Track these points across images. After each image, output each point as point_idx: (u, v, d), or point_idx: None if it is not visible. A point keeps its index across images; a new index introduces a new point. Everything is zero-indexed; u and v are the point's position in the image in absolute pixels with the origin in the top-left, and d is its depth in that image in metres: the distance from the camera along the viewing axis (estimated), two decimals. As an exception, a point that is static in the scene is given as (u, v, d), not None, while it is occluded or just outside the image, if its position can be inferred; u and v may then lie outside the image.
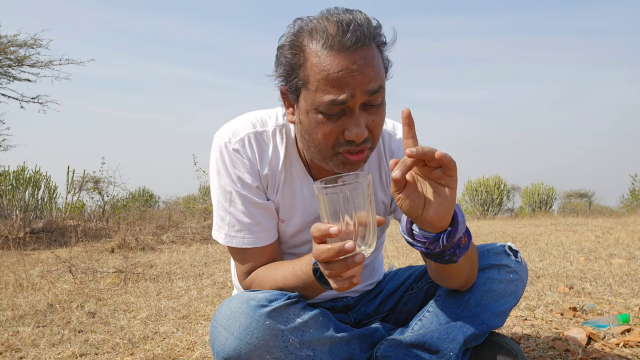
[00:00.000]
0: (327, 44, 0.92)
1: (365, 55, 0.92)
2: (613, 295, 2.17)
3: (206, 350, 1.58)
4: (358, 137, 0.95)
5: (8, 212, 6.87)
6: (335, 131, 0.96)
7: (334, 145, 0.98)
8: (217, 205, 1.13)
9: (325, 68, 0.92)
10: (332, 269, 0.81)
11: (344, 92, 0.92)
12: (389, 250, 4.18)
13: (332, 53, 0.92)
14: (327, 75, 0.92)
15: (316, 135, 0.98)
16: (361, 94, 0.93)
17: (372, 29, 0.95)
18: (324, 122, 0.96)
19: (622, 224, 6.36)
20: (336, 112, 0.95)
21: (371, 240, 0.82)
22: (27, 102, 8.25)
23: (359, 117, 0.95)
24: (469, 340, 1.09)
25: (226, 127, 1.13)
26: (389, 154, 1.18)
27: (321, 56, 0.93)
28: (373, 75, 0.93)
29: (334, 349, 1.03)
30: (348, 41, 0.91)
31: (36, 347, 1.68)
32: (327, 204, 0.79)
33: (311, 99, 0.95)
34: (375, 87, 0.94)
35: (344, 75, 0.91)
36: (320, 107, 0.94)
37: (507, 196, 13.60)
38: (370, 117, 0.97)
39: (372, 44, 0.95)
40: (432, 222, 0.84)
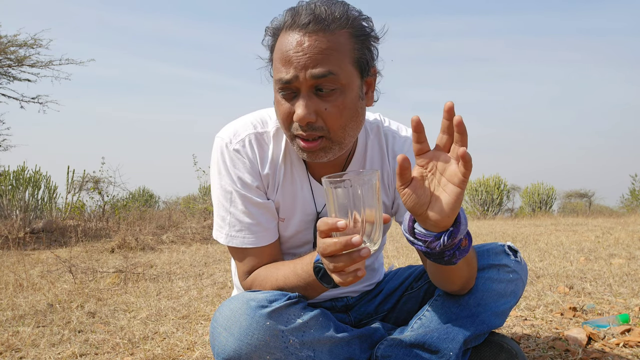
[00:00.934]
0: (286, 26, 0.97)
1: (318, 38, 0.94)
2: (613, 295, 2.17)
3: (206, 351, 1.58)
4: (300, 120, 0.96)
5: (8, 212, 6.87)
6: (287, 112, 0.99)
7: (290, 127, 1.01)
8: (218, 205, 1.13)
9: (280, 48, 0.97)
10: (337, 263, 0.81)
11: (289, 71, 0.95)
12: (389, 250, 4.18)
13: (287, 33, 0.97)
14: (280, 55, 0.97)
15: (278, 116, 1.03)
16: (305, 76, 0.94)
17: (344, 17, 0.96)
18: (281, 101, 1.00)
19: (622, 224, 6.36)
20: (289, 93, 0.98)
21: (377, 238, 0.82)
22: (27, 102, 8.25)
23: (305, 100, 0.96)
24: (469, 340, 1.09)
25: (227, 128, 1.14)
26: (392, 156, 1.18)
27: (281, 37, 0.98)
28: (321, 59, 0.94)
29: (334, 349, 1.03)
30: (303, 20, 0.94)
31: (36, 347, 1.68)
32: (336, 199, 0.80)
33: (273, 78, 1.01)
34: (321, 72, 0.94)
35: (290, 55, 0.95)
36: (276, 85, 0.99)
37: (507, 196, 13.59)
38: (324, 104, 0.97)
39: (337, 31, 0.95)
40: (435, 221, 0.84)
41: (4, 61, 7.60)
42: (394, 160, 1.17)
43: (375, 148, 1.18)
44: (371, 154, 1.17)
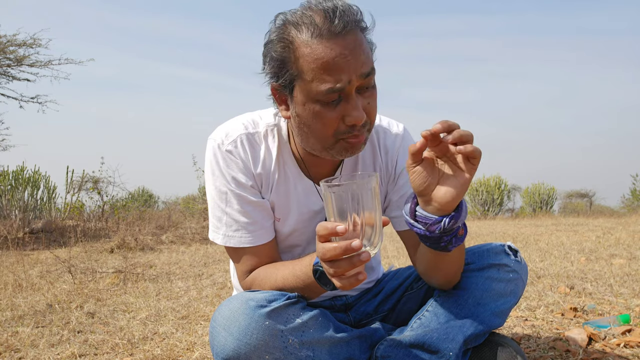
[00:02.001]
0: (316, 33, 0.93)
1: (354, 39, 0.94)
2: (614, 295, 2.17)
3: (206, 351, 1.58)
4: (359, 120, 0.96)
5: (7, 212, 6.87)
6: (335, 119, 0.97)
7: (335, 133, 0.99)
8: (214, 206, 1.13)
9: (319, 57, 0.93)
10: (337, 268, 0.81)
11: (341, 79, 0.93)
12: (389, 250, 4.18)
13: (323, 41, 0.93)
14: (322, 64, 0.93)
15: (316, 126, 0.99)
16: (357, 78, 0.94)
17: (355, 14, 0.97)
18: (323, 111, 0.97)
19: (622, 224, 6.36)
20: (334, 100, 0.96)
21: (377, 241, 0.81)
22: (26, 101, 8.26)
23: (357, 101, 0.96)
24: (468, 340, 1.09)
25: (219, 130, 1.15)
26: (383, 150, 1.19)
27: (312, 45, 0.93)
28: (364, 58, 0.95)
29: (333, 350, 1.03)
30: (337, 27, 0.92)
31: (35, 347, 1.67)
32: (335, 202, 0.79)
33: (307, 89, 0.96)
34: (368, 70, 0.95)
35: (339, 62, 0.92)
36: (318, 97, 0.95)
37: (508, 196, 13.61)
38: (366, 100, 0.98)
39: (357, 29, 0.96)
40: (439, 202, 0.86)
41: (3, 61, 7.60)
42: (386, 156, 1.18)
43: (367, 144, 1.18)
44: (363, 151, 1.18)
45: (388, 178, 1.19)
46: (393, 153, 1.18)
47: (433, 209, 0.87)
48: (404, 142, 1.19)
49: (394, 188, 1.18)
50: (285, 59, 0.97)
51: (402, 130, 1.21)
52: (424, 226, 0.89)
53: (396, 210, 1.18)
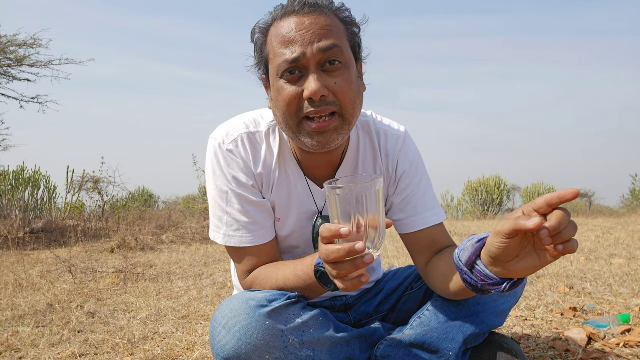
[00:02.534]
0: (281, 15, 0.99)
1: (316, 18, 0.98)
2: (613, 295, 2.17)
3: (206, 351, 1.58)
4: (314, 94, 0.95)
5: (8, 212, 6.87)
6: (295, 94, 0.98)
7: (297, 110, 0.99)
8: (214, 205, 1.13)
9: (278, 34, 0.99)
10: (341, 270, 0.81)
11: (295, 51, 0.96)
12: (389, 250, 4.18)
13: (283, 19, 0.99)
14: (280, 39, 0.98)
15: (280, 104, 1.01)
16: (312, 51, 0.96)
17: (330, 4, 1.01)
18: (284, 86, 0.99)
19: (622, 224, 6.36)
20: (294, 75, 0.98)
21: (380, 244, 0.81)
22: (26, 102, 8.25)
23: (316, 75, 0.97)
24: (468, 340, 1.09)
25: (220, 129, 1.15)
26: (384, 153, 1.18)
27: (277, 26, 1.00)
28: (325, 34, 0.97)
29: (333, 349, 1.03)
30: (296, 6, 0.98)
31: (36, 347, 1.68)
32: (339, 204, 0.79)
33: (273, 67, 1.01)
34: (327, 44, 0.96)
35: (294, 34, 0.97)
36: (279, 71, 0.98)
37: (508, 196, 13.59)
38: (332, 79, 0.98)
39: (330, 14, 1.00)
40: (511, 272, 0.80)
41: (3, 61, 7.60)
42: (387, 159, 1.18)
43: (367, 146, 1.18)
44: (364, 153, 1.17)
45: (389, 181, 1.18)
46: (394, 156, 1.17)
47: (498, 273, 0.82)
48: (405, 144, 1.18)
49: (396, 191, 1.17)
50: (262, 45, 1.04)
51: (404, 132, 1.20)
52: (478, 280, 0.86)
53: (399, 213, 1.17)
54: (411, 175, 1.16)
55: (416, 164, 1.18)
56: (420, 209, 1.15)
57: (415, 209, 1.15)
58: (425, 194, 1.17)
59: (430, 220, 1.14)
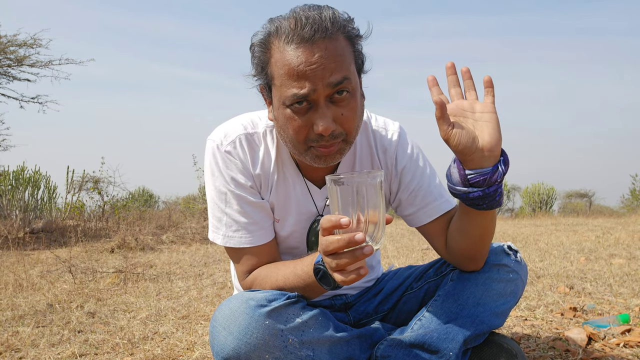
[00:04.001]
0: (287, 39, 0.94)
1: (326, 47, 0.93)
2: (613, 295, 2.17)
3: (206, 351, 1.58)
4: (325, 130, 0.95)
5: (8, 212, 6.86)
6: (304, 126, 0.97)
7: (306, 140, 0.99)
8: (213, 206, 1.13)
9: (286, 63, 0.94)
10: (340, 260, 0.81)
11: (305, 86, 0.93)
12: (389, 250, 4.18)
13: (292, 47, 0.93)
14: (288, 70, 0.94)
15: (288, 131, 1.00)
16: (323, 87, 0.93)
17: (338, 22, 0.95)
18: (293, 117, 0.97)
19: (622, 224, 6.36)
20: (303, 106, 0.95)
21: (379, 237, 0.82)
22: (26, 102, 8.25)
23: (325, 110, 0.95)
24: (468, 340, 1.09)
25: (218, 130, 1.15)
26: (381, 151, 1.19)
27: (282, 51, 0.95)
28: (335, 67, 0.93)
29: (333, 349, 1.03)
30: (306, 34, 0.92)
31: (36, 347, 1.68)
32: (340, 197, 0.80)
33: (278, 94, 0.98)
34: (338, 79, 0.94)
35: (304, 69, 0.92)
36: (286, 102, 0.96)
37: (508, 196, 13.59)
38: (339, 110, 0.97)
39: (337, 36, 0.95)
40: (490, 148, 0.91)
41: (3, 61, 7.60)
42: (384, 155, 1.18)
43: (364, 145, 1.18)
44: (360, 151, 1.18)
45: (390, 177, 1.19)
46: (391, 152, 1.18)
47: (485, 160, 0.92)
48: (401, 139, 1.19)
49: (401, 187, 1.18)
50: (263, 63, 1.00)
51: (398, 128, 1.20)
52: (483, 183, 0.92)
53: (409, 207, 1.17)
54: (413, 168, 1.17)
55: (415, 156, 1.19)
56: (429, 199, 1.15)
57: (424, 199, 1.16)
58: (430, 184, 1.17)
59: (441, 209, 1.15)
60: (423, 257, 3.67)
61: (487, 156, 0.91)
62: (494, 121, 0.92)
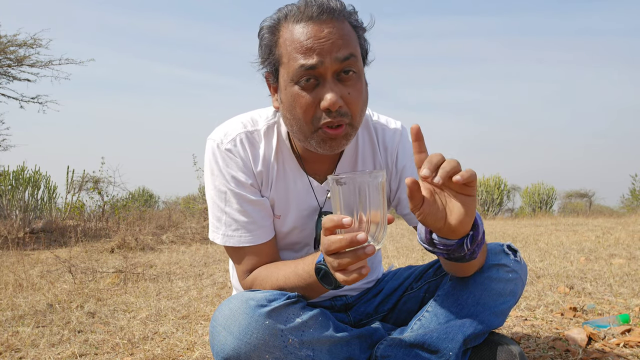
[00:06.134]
0: (296, 18, 0.98)
1: (333, 25, 0.97)
2: (613, 295, 2.17)
3: (206, 351, 1.58)
4: (332, 105, 0.96)
5: (8, 212, 6.87)
6: (312, 103, 0.98)
7: (313, 119, 1.00)
8: (213, 205, 1.14)
9: (295, 39, 0.97)
10: (342, 260, 0.81)
11: (313, 57, 0.95)
12: (389, 250, 4.18)
13: (301, 24, 0.97)
14: (297, 45, 0.96)
15: (295, 110, 1.00)
16: (331, 61, 0.95)
17: (344, 9, 0.99)
18: (300, 93, 0.98)
19: (622, 224, 6.36)
20: (310, 83, 0.97)
21: (381, 237, 0.82)
22: (26, 102, 8.25)
23: (332, 85, 0.97)
24: (468, 339, 1.09)
25: (218, 129, 1.15)
26: (382, 147, 1.20)
27: (292, 30, 0.98)
28: (342, 44, 0.96)
29: (333, 349, 1.03)
30: (314, 12, 0.96)
31: (36, 347, 1.68)
32: (342, 196, 0.80)
33: (286, 72, 0.99)
34: (345, 54, 0.96)
35: (312, 43, 0.95)
36: (294, 77, 0.97)
37: (507, 196, 13.59)
38: (346, 89, 0.98)
39: (343, 21, 0.99)
40: (455, 231, 0.84)
41: (3, 61, 7.60)
42: (385, 153, 1.19)
43: (366, 141, 1.19)
44: (362, 148, 1.19)
45: (390, 175, 1.20)
46: (392, 149, 1.19)
47: (450, 235, 0.85)
48: (403, 138, 1.21)
49: (400, 186, 1.19)
50: (271, 45, 1.02)
51: (400, 126, 1.22)
52: (446, 252, 0.89)
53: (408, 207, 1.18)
54: (413, 167, 1.18)
55: None
56: None
57: None
58: None
59: None
60: (423, 257, 3.66)
61: (451, 234, 0.85)
62: (467, 204, 0.81)
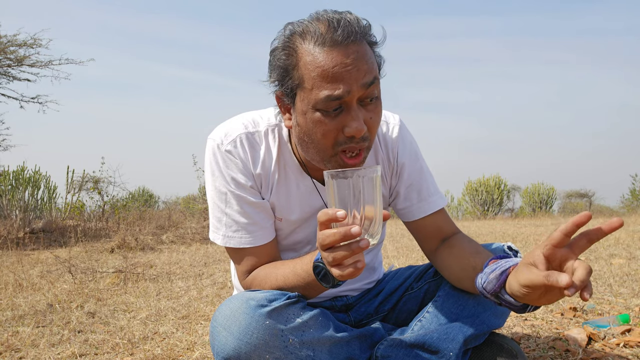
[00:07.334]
0: (319, 42, 0.93)
1: (357, 49, 0.93)
2: (613, 295, 2.17)
3: (206, 351, 1.58)
4: (358, 132, 0.94)
5: (8, 212, 6.87)
6: (334, 129, 0.96)
7: (334, 144, 0.97)
8: (213, 206, 1.13)
9: (320, 65, 0.92)
10: (336, 254, 0.81)
11: (339, 87, 0.92)
12: (388, 250, 4.18)
13: (325, 49, 0.93)
14: (322, 72, 0.92)
15: (315, 135, 0.98)
16: (357, 88, 0.93)
17: (362, 27, 0.96)
18: (322, 120, 0.95)
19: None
20: (334, 109, 0.94)
21: (376, 232, 0.82)
22: (26, 102, 8.25)
23: (357, 112, 0.95)
24: (469, 340, 1.09)
25: (218, 129, 1.14)
26: (383, 144, 1.19)
27: (314, 54, 0.93)
28: (367, 69, 0.94)
29: (333, 349, 1.03)
30: (339, 37, 0.92)
31: (36, 347, 1.68)
32: (337, 191, 0.80)
33: (307, 97, 0.95)
34: (370, 79, 0.94)
35: (339, 70, 0.92)
36: (317, 105, 0.94)
37: (508, 196, 13.61)
38: (368, 114, 0.97)
39: (362, 41, 0.96)
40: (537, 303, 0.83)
41: (3, 61, 7.60)
42: (386, 149, 1.19)
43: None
44: None
45: (391, 171, 1.19)
46: (393, 145, 1.19)
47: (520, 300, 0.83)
48: (402, 133, 1.20)
49: (400, 181, 1.19)
50: (288, 67, 0.97)
51: (399, 121, 1.22)
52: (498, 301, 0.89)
53: (404, 201, 1.19)
54: (412, 163, 1.19)
55: (414, 151, 1.21)
56: (424, 195, 1.18)
57: (420, 195, 1.18)
58: (426, 180, 1.20)
59: (434, 206, 1.18)
60: (423, 257, 3.66)
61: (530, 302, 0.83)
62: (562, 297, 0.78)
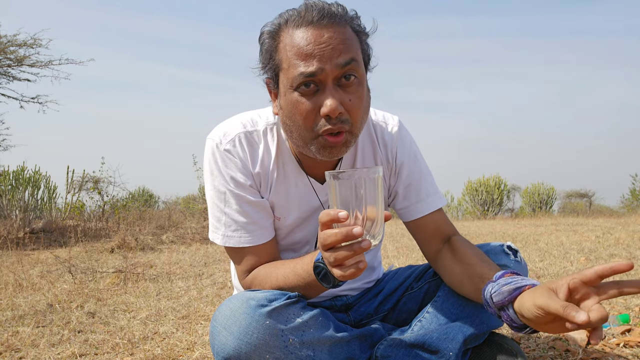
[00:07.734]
0: (296, 23, 0.96)
1: (335, 30, 0.95)
2: (613, 295, 2.17)
3: (206, 351, 1.58)
4: (332, 111, 0.94)
5: (7, 212, 6.86)
6: (312, 109, 0.97)
7: (313, 126, 0.98)
8: (213, 206, 1.13)
9: (295, 44, 0.95)
10: (338, 254, 0.81)
11: (313, 64, 0.93)
12: (389, 250, 4.18)
13: (301, 29, 0.95)
14: (297, 50, 0.95)
15: (295, 117, 0.99)
16: (331, 67, 0.93)
17: (346, 14, 0.98)
18: (300, 99, 0.97)
19: (622, 224, 6.36)
20: (310, 89, 0.95)
21: (377, 232, 0.82)
22: (26, 102, 8.25)
23: (333, 91, 0.95)
24: (468, 340, 1.09)
25: (217, 129, 1.14)
26: (382, 144, 1.19)
27: (292, 35, 0.96)
28: (344, 49, 0.94)
29: (333, 349, 1.03)
30: (315, 17, 0.94)
31: (36, 347, 1.68)
32: (338, 192, 0.80)
33: (286, 77, 0.98)
34: (346, 59, 0.94)
35: (312, 48, 0.93)
36: (294, 83, 0.96)
37: (508, 196, 13.60)
38: (347, 96, 0.97)
39: (345, 25, 0.97)
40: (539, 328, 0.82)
41: (3, 61, 7.60)
42: (385, 149, 1.19)
43: (365, 139, 1.19)
44: (362, 145, 1.18)
45: (390, 171, 1.20)
46: (392, 145, 1.19)
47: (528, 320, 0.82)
48: (401, 133, 1.20)
49: (399, 181, 1.19)
50: (271, 50, 1.00)
51: (398, 122, 1.22)
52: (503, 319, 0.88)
53: (403, 201, 1.19)
54: (411, 163, 1.19)
55: (414, 151, 1.21)
56: (422, 195, 1.18)
57: (418, 195, 1.18)
58: (425, 180, 1.20)
59: (432, 205, 1.18)
60: (423, 257, 3.66)
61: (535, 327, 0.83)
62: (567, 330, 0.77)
